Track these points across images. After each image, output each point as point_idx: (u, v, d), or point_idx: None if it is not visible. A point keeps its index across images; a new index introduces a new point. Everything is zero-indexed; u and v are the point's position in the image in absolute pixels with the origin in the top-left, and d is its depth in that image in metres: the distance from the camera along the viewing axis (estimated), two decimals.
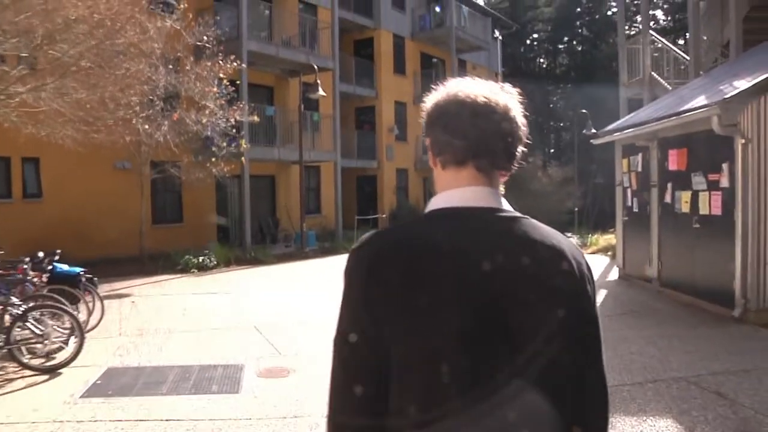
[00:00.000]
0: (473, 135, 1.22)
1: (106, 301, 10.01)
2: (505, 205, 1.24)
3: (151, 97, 12.24)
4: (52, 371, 6.31)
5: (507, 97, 1.26)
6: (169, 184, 16.38)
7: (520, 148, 1.28)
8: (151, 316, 9.01)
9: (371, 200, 25.65)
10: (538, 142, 45.96)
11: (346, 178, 25.30)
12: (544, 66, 55.71)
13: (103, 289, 11.20)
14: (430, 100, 1.29)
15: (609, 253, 14.31)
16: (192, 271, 13.21)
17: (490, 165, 1.23)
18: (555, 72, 53.75)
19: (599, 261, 13.80)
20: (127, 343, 7.44)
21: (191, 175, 14.03)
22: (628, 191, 10.91)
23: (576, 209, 25.81)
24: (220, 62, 13.32)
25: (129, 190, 14.89)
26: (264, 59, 18.59)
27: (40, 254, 7.64)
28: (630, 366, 5.82)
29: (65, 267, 7.59)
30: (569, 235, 18.93)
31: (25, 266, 7.09)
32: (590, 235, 16.89)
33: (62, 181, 14.66)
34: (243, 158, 14.79)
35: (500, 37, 33.51)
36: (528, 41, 54.07)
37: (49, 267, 7.52)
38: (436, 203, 1.25)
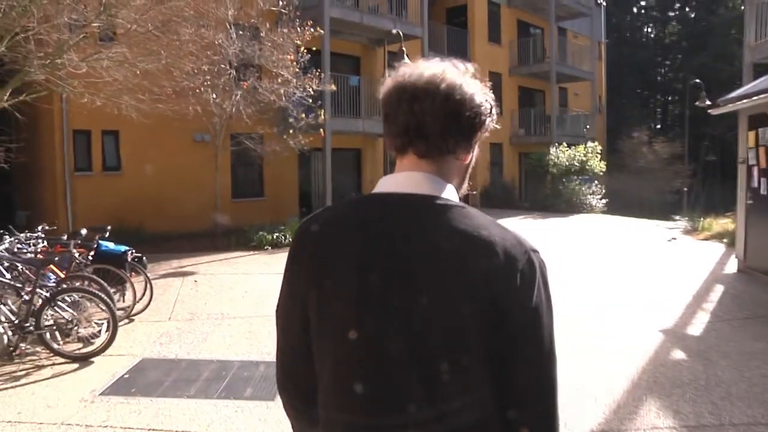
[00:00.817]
0: (409, 121, 1.20)
1: (169, 279, 9.66)
2: (447, 192, 1.21)
3: (222, 65, 11.64)
4: (84, 359, 5.77)
5: (456, 74, 1.22)
6: (250, 158, 15.91)
7: (480, 127, 1.25)
8: (209, 298, 8.43)
9: None
10: (643, 116, 42.93)
11: None
12: (652, 36, 51.92)
13: (171, 265, 10.87)
14: (382, 89, 1.27)
15: (725, 240, 12.56)
16: (266, 248, 12.64)
17: (428, 150, 1.21)
18: (664, 41, 49.96)
19: (712, 249, 12.12)
20: (173, 330, 6.84)
21: (267, 147, 13.44)
22: (755, 170, 9.27)
23: (685, 189, 23.51)
24: (298, 29, 12.57)
25: (208, 163, 14.47)
26: (349, 27, 17.75)
27: (83, 231, 7.16)
28: (763, 396, 4.52)
29: (111, 245, 7.07)
30: (677, 218, 17.09)
31: (64, 244, 6.58)
32: (701, 219, 14.99)
33: (141, 153, 14.47)
34: (322, 130, 13.99)
35: (604, 3, 31.16)
36: (635, 9, 50.48)
37: (95, 245, 7.00)
38: (376, 187, 1.26)
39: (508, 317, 1.11)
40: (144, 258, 7.56)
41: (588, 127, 26.74)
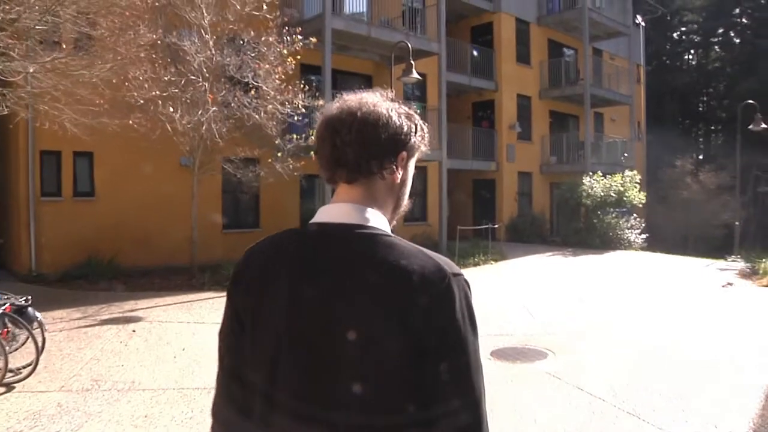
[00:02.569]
0: (332, 153, 1.26)
1: (106, 327, 8.00)
2: (373, 219, 1.25)
3: (192, 76, 10.06)
4: None
5: (374, 101, 1.28)
6: (244, 184, 14.38)
7: (402, 147, 1.29)
8: (133, 357, 6.67)
9: (489, 207, 22.48)
10: (686, 145, 40.35)
11: (460, 182, 22.43)
12: (693, 62, 49.45)
13: (122, 308, 9.21)
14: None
15: None
16: None
17: (350, 176, 1.26)
18: (706, 68, 47.44)
19: None
20: (52, 407, 5.07)
21: (249, 172, 11.76)
22: None
23: (737, 223, 21.08)
24: (286, 38, 10.98)
25: (195, 190, 12.86)
26: (356, 41, 16.10)
27: None
28: None
29: None
30: (731, 257, 14.83)
31: None
32: (762, 260, 12.72)
33: (118, 178, 12.97)
34: (313, 153, 12.18)
35: (643, 24, 29.17)
36: (675, 34, 48.19)
37: None
38: (315, 216, 1.30)
39: (430, 345, 1.13)
40: (29, 309, 5.81)
41: (626, 154, 24.54)
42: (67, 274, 11.91)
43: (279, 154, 11.66)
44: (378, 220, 1.25)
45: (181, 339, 7.41)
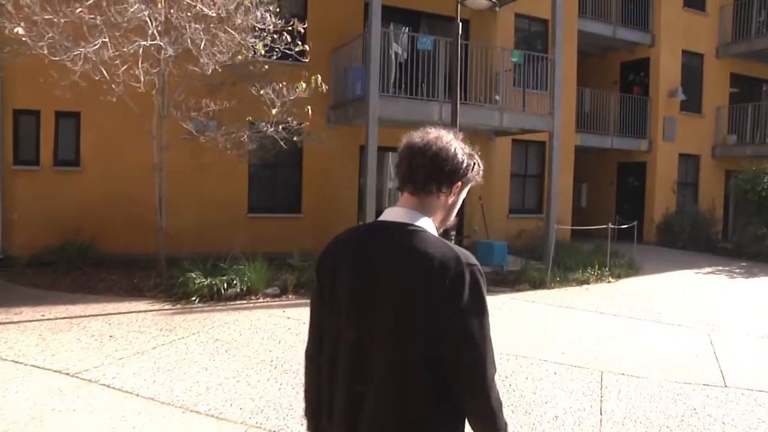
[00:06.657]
0: (406, 170, 1.67)
1: None
2: (421, 222, 1.63)
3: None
4: None
5: (447, 139, 1.67)
6: (283, 157, 11.32)
7: (459, 178, 1.67)
8: None
9: (637, 199, 17.48)
10: None
11: (600, 165, 17.84)
12: None
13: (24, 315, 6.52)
14: (400, 145, 1.72)
15: None
16: (192, 299, 7.72)
17: (415, 190, 1.66)
18: None
19: None
20: None
21: (221, 138, 8.57)
22: None
23: None
24: None
25: (210, 162, 10.01)
26: None
27: None
28: None
29: None
30: None
31: None
32: None
33: (110, 145, 10.45)
34: (309, 109, 8.43)
35: None
36: None
37: None
38: (381, 216, 1.70)
39: (444, 312, 1.50)
40: None
41: None
42: (36, 259, 9.66)
43: (273, 112, 8.32)
44: (425, 222, 1.64)
45: None
